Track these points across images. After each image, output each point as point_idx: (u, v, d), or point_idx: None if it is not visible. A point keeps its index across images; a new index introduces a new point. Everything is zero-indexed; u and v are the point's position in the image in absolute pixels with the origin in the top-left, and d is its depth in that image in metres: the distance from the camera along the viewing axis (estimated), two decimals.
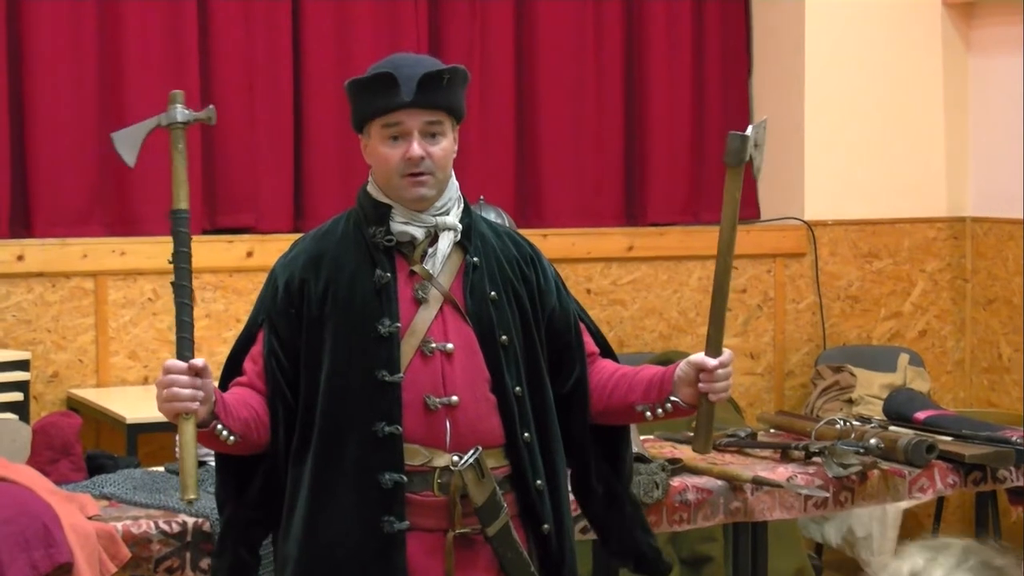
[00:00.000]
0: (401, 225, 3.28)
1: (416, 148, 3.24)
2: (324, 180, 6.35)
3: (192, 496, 3.03)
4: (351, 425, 3.22)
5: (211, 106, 3.33)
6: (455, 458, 3.23)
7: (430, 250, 3.30)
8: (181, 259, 3.23)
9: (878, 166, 7.04)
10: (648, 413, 3.38)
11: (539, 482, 3.31)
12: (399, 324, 3.24)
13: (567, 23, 6.82)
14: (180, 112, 3.30)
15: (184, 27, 6.15)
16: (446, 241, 3.30)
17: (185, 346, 3.12)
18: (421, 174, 3.25)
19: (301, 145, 6.41)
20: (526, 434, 3.30)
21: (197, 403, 3.07)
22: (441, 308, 3.29)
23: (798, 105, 6.95)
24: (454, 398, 3.24)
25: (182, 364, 3.08)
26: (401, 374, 3.23)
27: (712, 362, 3.31)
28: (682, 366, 3.35)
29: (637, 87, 7.00)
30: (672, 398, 3.35)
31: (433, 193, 3.28)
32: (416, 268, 3.29)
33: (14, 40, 5.96)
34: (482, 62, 6.66)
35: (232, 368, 3.36)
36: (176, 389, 3.06)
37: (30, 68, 5.98)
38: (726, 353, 3.34)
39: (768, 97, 7.12)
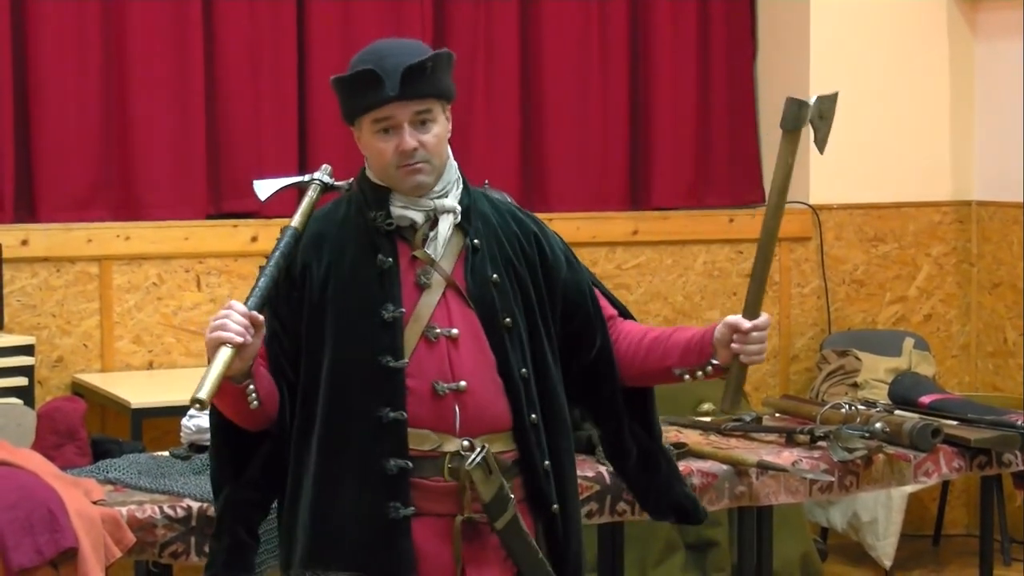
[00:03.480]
0: (400, 209, 3.27)
1: (409, 140, 3.23)
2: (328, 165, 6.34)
3: (202, 396, 2.97)
4: (355, 412, 3.22)
5: (350, 180, 3.40)
6: (465, 443, 3.23)
7: (431, 234, 3.29)
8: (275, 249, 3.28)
9: (883, 150, 7.03)
10: (687, 376, 3.39)
11: (546, 463, 3.31)
12: (403, 310, 3.23)
13: (572, 8, 6.81)
14: (325, 176, 3.40)
15: (189, 14, 6.15)
16: (446, 224, 3.29)
17: (254, 294, 3.15)
18: (416, 163, 3.24)
19: (305, 130, 6.41)
20: (532, 416, 3.29)
21: (241, 340, 3.04)
22: (444, 293, 3.27)
23: (803, 89, 6.92)
24: (462, 383, 3.23)
25: (244, 308, 3.09)
26: (406, 360, 3.22)
27: (746, 324, 3.31)
28: (719, 327, 3.35)
29: (642, 72, 6.99)
30: (713, 361, 3.36)
31: (431, 180, 3.27)
32: (418, 253, 3.27)
33: (18, 24, 5.96)
34: (487, 46, 6.66)
35: None
36: (229, 322, 3.05)
37: (34, 53, 5.97)
38: (763, 317, 3.34)
39: (773, 81, 7.11)
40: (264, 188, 3.45)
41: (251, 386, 3.13)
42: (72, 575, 3.81)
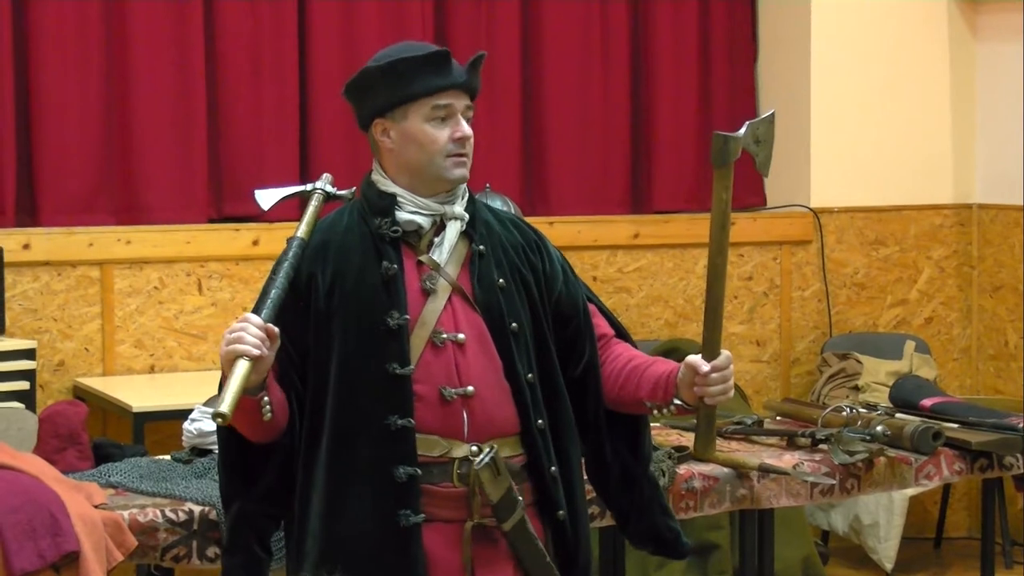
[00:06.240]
0: (408, 214, 3.27)
1: (467, 128, 3.25)
2: (330, 168, 6.32)
3: (224, 410, 2.94)
4: (363, 420, 3.21)
5: (352, 189, 3.39)
6: (474, 448, 3.22)
7: (436, 240, 3.28)
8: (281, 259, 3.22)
9: (884, 153, 7.03)
10: (655, 411, 3.38)
11: (553, 469, 3.30)
12: (408, 316, 3.22)
13: (573, 11, 6.81)
14: (327, 185, 3.38)
15: (190, 16, 6.15)
16: (453, 230, 3.29)
17: (268, 306, 3.12)
18: (463, 155, 3.26)
19: (307, 133, 6.41)
20: (539, 421, 3.29)
21: (258, 352, 3.03)
22: (450, 298, 3.27)
23: (804, 92, 6.94)
24: (469, 388, 3.23)
25: (260, 320, 3.07)
26: (412, 366, 3.21)
27: (704, 367, 3.28)
28: (682, 368, 3.32)
29: (643, 75, 7.00)
30: (675, 401, 3.34)
31: (467, 175, 3.29)
32: (423, 258, 3.27)
33: (19, 27, 5.96)
34: (488, 48, 6.61)
35: None
36: (246, 335, 3.03)
37: (36, 56, 5.97)
38: (722, 356, 3.31)
39: (774, 84, 7.11)
40: (266, 198, 3.42)
41: (265, 398, 3.12)
42: None
